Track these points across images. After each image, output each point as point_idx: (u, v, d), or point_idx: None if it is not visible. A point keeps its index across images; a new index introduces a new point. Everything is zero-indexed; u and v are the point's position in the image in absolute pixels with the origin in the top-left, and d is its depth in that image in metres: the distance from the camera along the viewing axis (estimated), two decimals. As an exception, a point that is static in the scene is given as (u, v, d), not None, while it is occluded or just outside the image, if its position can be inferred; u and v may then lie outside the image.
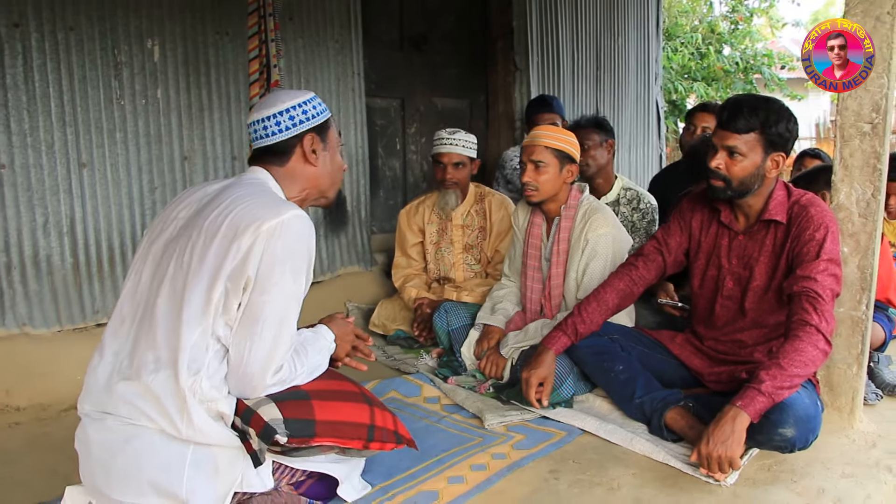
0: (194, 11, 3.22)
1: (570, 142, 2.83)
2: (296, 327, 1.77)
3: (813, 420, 2.11)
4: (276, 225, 1.69)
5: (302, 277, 1.74)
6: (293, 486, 1.90)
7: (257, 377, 1.71)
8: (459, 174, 3.42)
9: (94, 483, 1.73)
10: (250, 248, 1.67)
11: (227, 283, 1.67)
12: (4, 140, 2.77)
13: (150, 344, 1.70)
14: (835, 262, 2.24)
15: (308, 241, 1.76)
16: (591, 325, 2.57)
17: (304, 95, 1.95)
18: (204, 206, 1.80)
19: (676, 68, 10.63)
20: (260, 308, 1.68)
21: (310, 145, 1.92)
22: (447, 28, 4.68)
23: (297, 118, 1.90)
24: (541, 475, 2.17)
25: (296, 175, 1.93)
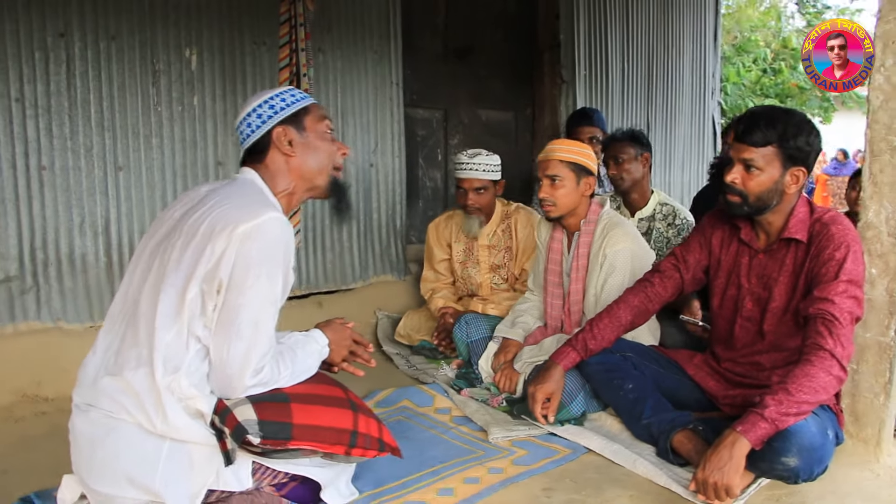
0: (232, 22, 3.33)
1: (585, 154, 2.77)
2: (273, 330, 1.78)
3: (820, 450, 1.99)
4: (251, 228, 1.70)
5: (278, 280, 1.76)
6: (275, 488, 1.91)
7: (236, 378, 1.73)
8: (482, 199, 3.35)
9: (79, 471, 1.79)
10: (224, 251, 1.69)
11: (201, 285, 1.70)
12: (46, 143, 2.91)
13: (134, 341, 1.75)
14: (855, 283, 2.11)
15: (285, 245, 1.77)
16: (601, 342, 2.50)
17: (273, 91, 1.96)
18: (192, 208, 1.84)
19: (748, 84, 10.32)
20: (235, 311, 1.70)
21: (282, 137, 1.92)
22: (493, 40, 4.68)
23: (265, 114, 1.91)
24: (533, 492, 2.12)
25: (277, 170, 1.94)
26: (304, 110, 1.96)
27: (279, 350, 1.84)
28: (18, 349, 2.86)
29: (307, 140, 1.95)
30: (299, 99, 1.97)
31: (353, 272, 3.83)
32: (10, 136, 2.84)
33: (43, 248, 2.94)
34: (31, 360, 2.86)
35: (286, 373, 1.83)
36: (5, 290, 2.87)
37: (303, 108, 1.96)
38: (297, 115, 1.94)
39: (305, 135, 1.95)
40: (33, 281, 2.93)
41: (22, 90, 2.85)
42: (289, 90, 1.97)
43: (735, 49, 11.17)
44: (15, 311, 2.90)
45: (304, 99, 1.98)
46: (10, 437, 2.53)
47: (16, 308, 2.90)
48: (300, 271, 3.64)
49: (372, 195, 3.91)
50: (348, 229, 3.81)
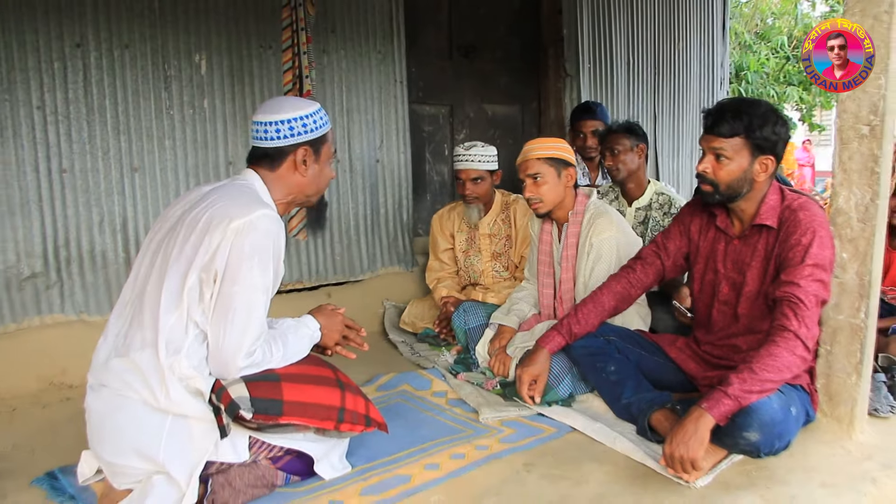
0: (239, 27, 3.49)
1: (560, 147, 2.90)
2: (265, 316, 1.95)
3: (780, 425, 2.09)
4: (244, 223, 1.87)
5: (269, 271, 1.92)
6: (271, 461, 2.08)
7: (231, 360, 1.90)
8: (479, 189, 3.50)
9: (93, 445, 1.97)
10: (219, 243, 1.86)
11: (200, 274, 1.87)
12: (66, 147, 3.11)
13: (139, 325, 1.92)
14: (821, 267, 2.20)
15: (275, 238, 1.93)
16: (586, 326, 2.62)
17: (308, 108, 2.12)
18: (193, 205, 2.01)
19: (770, 72, 10.25)
20: (230, 298, 1.87)
21: (302, 157, 2.10)
22: (497, 36, 4.79)
23: (297, 129, 2.07)
24: (514, 467, 2.25)
25: (284, 181, 2.12)
26: (323, 137, 2.14)
27: (272, 334, 2.00)
28: (45, 340, 3.07)
29: (319, 164, 2.15)
30: (324, 124, 2.15)
31: (361, 264, 3.99)
32: (33, 142, 3.03)
33: (66, 246, 3.14)
34: (56, 350, 3.07)
35: (278, 355, 1.99)
36: (32, 285, 3.08)
37: (324, 133, 2.14)
38: (318, 141, 2.12)
39: (319, 160, 2.14)
40: (57, 277, 3.13)
41: (42, 98, 3.04)
42: (317, 112, 2.13)
43: (757, 37, 11.09)
44: (41, 305, 3.10)
45: (327, 125, 2.17)
46: (38, 421, 2.73)
47: (42, 302, 3.10)
48: (310, 263, 3.81)
49: (378, 190, 4.06)
50: (356, 223, 3.96)
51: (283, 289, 3.70)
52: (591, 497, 2.06)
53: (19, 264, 3.04)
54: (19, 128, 3.00)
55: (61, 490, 2.13)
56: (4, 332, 3.02)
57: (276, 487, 2.08)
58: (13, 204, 3.01)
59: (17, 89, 2.99)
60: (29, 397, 2.95)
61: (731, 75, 10.42)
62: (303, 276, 3.77)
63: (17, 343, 3.02)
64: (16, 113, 2.99)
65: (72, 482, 2.14)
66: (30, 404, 2.89)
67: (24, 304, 3.06)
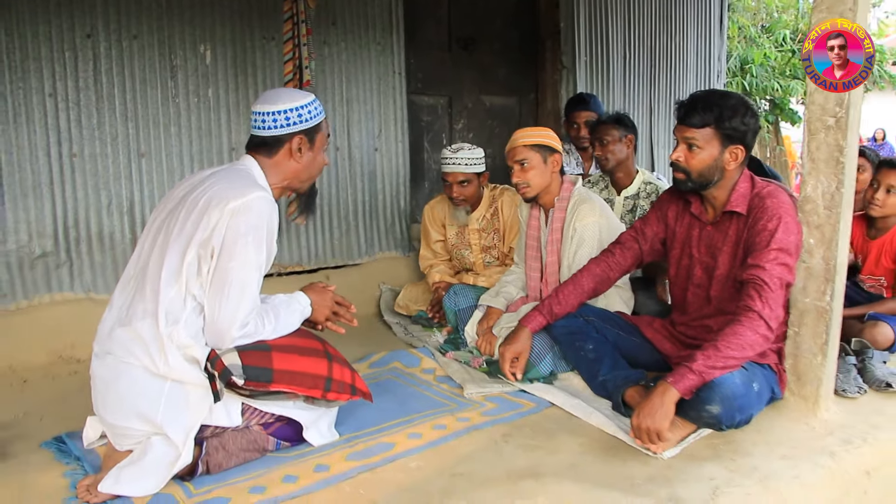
0: (243, 19, 3.63)
1: (546, 135, 3.03)
2: (258, 291, 2.09)
3: (741, 399, 2.21)
4: (240, 205, 2.01)
5: (262, 249, 2.06)
6: (262, 427, 2.22)
7: (225, 331, 2.04)
8: (465, 191, 3.56)
9: (97, 408, 2.12)
10: (217, 222, 2.01)
11: (198, 250, 2.02)
12: (77, 133, 3.26)
13: (141, 297, 2.07)
14: (786, 251, 2.32)
15: (268, 219, 2.07)
16: (566, 307, 2.75)
17: (303, 99, 2.25)
18: (195, 187, 2.16)
19: (775, 65, 10.30)
20: (226, 273, 2.01)
21: (297, 145, 2.23)
22: (496, 29, 4.91)
23: (293, 119, 2.20)
24: (493, 437, 2.38)
25: (280, 167, 2.25)
26: (318, 126, 2.27)
27: (264, 308, 2.15)
28: (55, 316, 3.23)
29: (313, 152, 2.28)
30: (319, 114, 2.27)
31: (359, 248, 4.14)
32: (45, 128, 3.19)
33: (75, 227, 3.30)
34: (65, 326, 3.23)
35: (269, 327, 2.14)
36: (42, 264, 3.24)
37: (319, 123, 2.27)
38: (314, 130, 2.25)
39: (313, 147, 2.28)
40: (67, 256, 3.29)
41: (55, 86, 3.20)
42: (312, 102, 2.26)
43: (763, 30, 11.13)
44: (51, 282, 3.27)
45: (321, 115, 2.29)
46: (48, 392, 2.89)
47: (52, 280, 3.27)
48: (310, 247, 3.96)
49: (377, 177, 4.20)
50: (354, 209, 4.11)
51: (283, 271, 3.85)
52: (562, 465, 2.18)
53: (31, 244, 3.20)
54: (32, 114, 3.16)
55: (68, 452, 2.28)
56: (17, 308, 3.19)
57: (267, 452, 2.22)
58: (26, 186, 3.17)
59: (30, 77, 3.14)
60: (39, 370, 3.11)
61: (736, 68, 10.49)
62: (302, 259, 3.92)
63: (29, 319, 3.18)
64: (29, 100, 3.15)
65: (77, 445, 2.29)
66: (40, 376, 3.05)
67: (35, 282, 3.23)
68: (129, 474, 1.99)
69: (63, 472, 2.16)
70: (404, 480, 2.10)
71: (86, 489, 2.00)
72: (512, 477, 2.10)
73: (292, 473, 2.11)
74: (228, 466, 2.13)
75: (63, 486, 2.08)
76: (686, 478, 2.09)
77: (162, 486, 2.01)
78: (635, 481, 2.08)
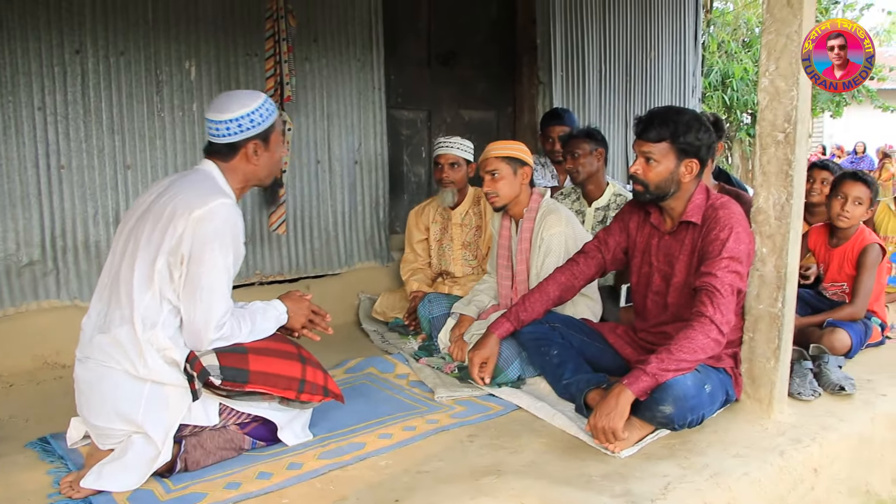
0: (227, 36, 3.76)
1: (518, 148, 3.17)
2: (229, 292, 2.18)
3: (692, 400, 2.32)
4: (204, 212, 2.12)
5: (229, 253, 2.16)
6: (239, 427, 2.33)
7: (202, 332, 2.15)
8: (455, 174, 3.80)
9: (80, 411, 2.22)
10: (183, 231, 2.11)
11: (168, 258, 2.12)
12: (64, 145, 3.37)
13: (117, 304, 2.17)
14: (737, 260, 2.44)
15: (233, 224, 2.17)
16: (532, 314, 2.87)
17: (253, 103, 2.29)
18: (160, 194, 2.25)
19: (755, 80, 10.49)
20: (197, 278, 2.11)
21: (253, 149, 2.30)
22: (474, 45, 5.06)
23: (245, 125, 2.26)
24: (459, 438, 2.49)
25: (238, 171, 2.33)
26: (271, 126, 2.32)
27: (241, 313, 2.26)
28: (41, 323, 3.33)
29: (269, 151, 2.35)
30: (270, 115, 2.32)
31: (338, 258, 4.26)
32: (34, 140, 3.29)
33: (62, 237, 3.40)
34: (51, 332, 3.32)
35: (245, 330, 2.24)
36: (30, 272, 3.34)
37: (271, 123, 2.32)
38: (266, 132, 2.31)
39: (269, 147, 2.34)
40: (53, 265, 3.38)
41: (43, 100, 3.30)
42: (263, 105, 2.30)
43: (744, 45, 11.35)
44: (38, 290, 3.36)
45: (273, 114, 2.34)
46: (33, 396, 2.99)
47: (39, 288, 3.36)
48: (290, 257, 4.07)
49: (357, 189, 4.32)
50: (334, 220, 4.23)
51: (264, 280, 3.96)
52: (524, 463, 2.30)
53: (19, 252, 3.30)
54: (21, 127, 3.26)
55: (52, 452, 2.38)
56: (4, 315, 3.28)
57: (244, 451, 2.32)
58: (14, 197, 3.27)
59: (20, 91, 3.25)
60: (25, 375, 3.20)
61: (717, 83, 10.69)
62: (283, 269, 4.03)
63: (16, 325, 3.28)
64: (18, 113, 3.25)
65: (61, 445, 2.39)
66: (26, 381, 3.15)
67: (22, 290, 3.32)
68: (110, 470, 2.09)
69: (47, 471, 2.26)
70: (373, 477, 2.21)
71: (69, 485, 2.10)
72: (475, 474, 2.21)
73: (266, 470, 2.22)
74: (206, 464, 2.23)
75: (47, 483, 2.18)
76: (640, 475, 2.20)
77: (142, 482, 2.10)
78: (592, 478, 2.19)
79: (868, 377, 3.03)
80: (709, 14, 10.77)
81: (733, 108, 10.80)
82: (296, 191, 4.06)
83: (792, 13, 2.47)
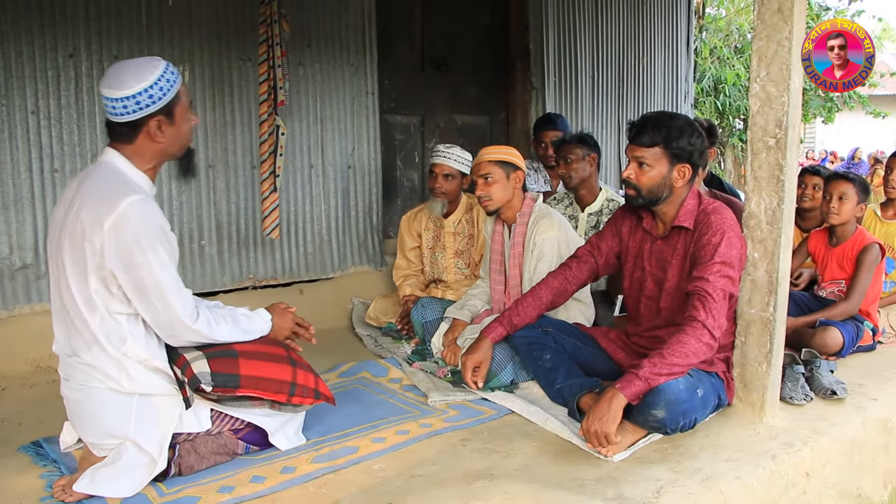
0: (220, 41, 3.76)
1: (510, 153, 3.18)
2: (178, 282, 2.08)
3: (684, 404, 2.33)
4: (115, 219, 1.97)
5: (159, 248, 2.03)
6: (233, 432, 2.32)
7: (177, 327, 2.09)
8: (448, 185, 3.78)
9: (72, 425, 2.23)
10: (102, 245, 1.99)
11: (98, 275, 2.02)
12: (58, 149, 3.37)
13: (75, 330, 2.10)
14: (728, 264, 2.45)
15: (150, 220, 2.03)
16: (525, 318, 2.88)
17: (151, 75, 2.05)
18: (69, 206, 2.08)
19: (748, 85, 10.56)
20: (140, 284, 2.03)
21: (156, 126, 2.09)
22: (468, 51, 5.09)
23: (144, 102, 2.04)
24: (452, 442, 2.50)
25: (143, 152, 2.12)
26: (174, 99, 2.11)
27: (221, 312, 2.21)
28: (34, 327, 3.31)
29: (175, 126, 2.14)
30: (171, 85, 2.10)
31: (332, 263, 4.26)
32: (27, 144, 3.29)
33: (55, 241, 3.39)
34: (44, 336, 3.22)
35: (225, 328, 2.19)
36: (23, 276, 3.33)
37: (175, 94, 2.11)
38: (169, 105, 2.09)
39: (174, 121, 2.13)
40: (46, 268, 3.34)
41: (37, 104, 3.30)
42: (162, 77, 2.07)
43: (736, 51, 11.41)
44: (31, 294, 3.35)
45: (176, 84, 2.11)
46: (26, 400, 2.98)
47: (31, 292, 3.35)
48: (284, 261, 4.07)
49: (350, 194, 4.33)
50: (328, 224, 4.24)
51: (258, 284, 3.96)
52: (516, 467, 2.30)
53: (12, 256, 3.29)
54: (15, 130, 3.26)
55: (45, 455, 2.38)
56: (-3, 318, 3.27)
57: (237, 455, 2.32)
58: (7, 200, 3.26)
59: (13, 95, 3.24)
60: (18, 378, 3.19)
61: (710, 88, 10.74)
62: (276, 273, 4.03)
63: (9, 329, 3.26)
64: (12, 117, 3.25)
65: (54, 449, 2.38)
66: (19, 385, 3.14)
67: (15, 293, 3.31)
68: (103, 475, 2.08)
69: (40, 474, 2.26)
70: (366, 481, 2.22)
71: (61, 489, 2.09)
72: (468, 478, 2.22)
73: (260, 474, 2.22)
74: (200, 468, 2.22)
75: (39, 486, 2.18)
76: (633, 479, 2.21)
77: (137, 491, 2.09)
78: (585, 482, 2.20)
79: (859, 381, 3.05)
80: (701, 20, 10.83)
81: (726, 114, 10.86)
82: (289, 195, 4.07)
83: (782, 19, 2.49)
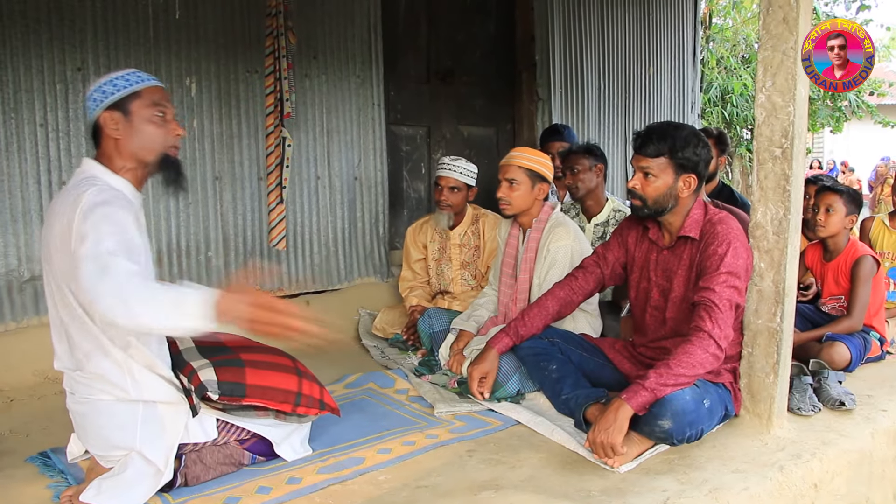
0: (227, 53, 3.79)
1: (542, 163, 3.19)
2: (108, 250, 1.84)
3: (691, 415, 2.32)
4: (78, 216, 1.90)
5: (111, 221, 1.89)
6: (239, 443, 2.33)
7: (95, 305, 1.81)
8: (454, 198, 3.77)
9: (78, 437, 2.23)
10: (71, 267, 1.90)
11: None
12: (66, 161, 3.39)
13: (75, 344, 2.10)
14: (735, 275, 2.45)
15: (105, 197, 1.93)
16: (531, 329, 2.87)
17: (109, 75, 2.06)
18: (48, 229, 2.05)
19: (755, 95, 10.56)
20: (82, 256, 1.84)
21: (108, 123, 2.04)
22: (474, 62, 5.11)
23: (98, 99, 2.04)
24: (458, 453, 2.49)
25: (111, 153, 2.08)
26: (133, 95, 2.05)
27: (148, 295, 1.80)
28: (42, 338, 3.26)
29: (132, 123, 2.05)
30: (132, 83, 2.06)
31: (338, 274, 4.27)
32: (36, 156, 3.32)
33: (62, 252, 3.41)
34: (52, 348, 3.30)
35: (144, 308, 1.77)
36: (32, 287, 3.35)
37: (132, 92, 2.06)
38: (124, 101, 2.04)
39: (131, 119, 2.05)
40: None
41: (46, 117, 3.33)
42: (123, 75, 2.06)
43: (743, 61, 11.41)
44: (39, 305, 3.37)
45: (138, 83, 2.07)
46: (34, 411, 2.99)
47: (40, 304, 3.37)
48: (290, 272, 4.09)
49: (356, 205, 4.35)
50: (334, 235, 4.25)
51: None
52: (522, 478, 2.29)
53: (20, 268, 3.31)
54: (23, 143, 3.29)
55: (52, 466, 2.38)
56: (5, 330, 3.29)
57: (243, 465, 2.32)
58: (16, 212, 3.28)
59: (22, 108, 3.27)
60: (26, 390, 3.20)
61: (717, 98, 10.74)
62: (283, 285, 4.04)
63: (17, 340, 3.28)
64: (21, 130, 3.28)
65: (62, 460, 2.39)
66: (27, 396, 3.15)
67: (24, 305, 3.33)
68: (110, 486, 2.08)
69: (47, 485, 2.27)
70: (372, 492, 2.21)
71: (68, 499, 2.09)
72: (473, 488, 2.21)
73: (266, 485, 2.22)
74: (206, 479, 2.22)
75: (47, 497, 2.19)
76: (639, 490, 2.20)
77: (143, 502, 2.09)
78: (591, 493, 2.19)
79: (868, 392, 3.03)
80: (708, 30, 10.86)
81: (733, 124, 10.85)
82: (296, 206, 4.09)
83: (788, 30, 2.49)
